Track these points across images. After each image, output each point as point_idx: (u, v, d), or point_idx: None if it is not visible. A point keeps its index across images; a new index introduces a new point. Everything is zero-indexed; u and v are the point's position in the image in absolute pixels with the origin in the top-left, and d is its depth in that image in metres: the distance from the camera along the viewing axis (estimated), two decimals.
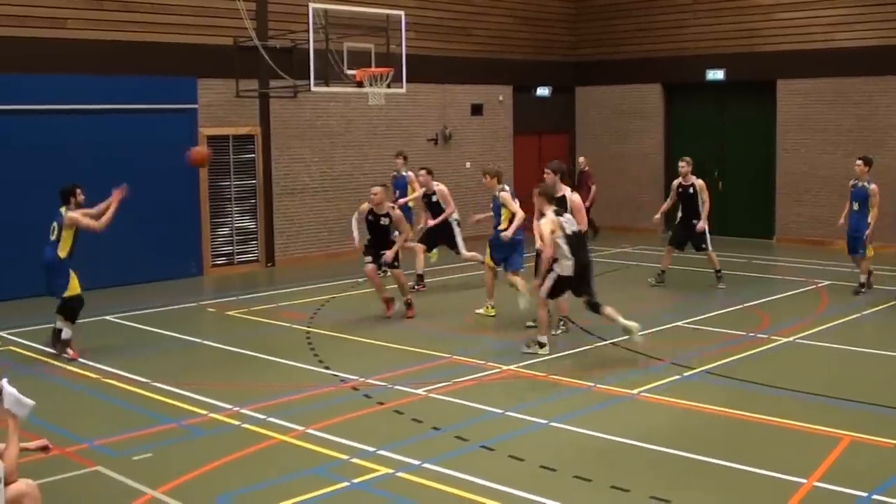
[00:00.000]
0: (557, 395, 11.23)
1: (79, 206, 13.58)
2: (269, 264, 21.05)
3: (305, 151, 21.61)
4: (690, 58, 25.30)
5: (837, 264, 19.57)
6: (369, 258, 15.56)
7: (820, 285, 17.60)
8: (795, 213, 23.49)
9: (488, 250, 15.55)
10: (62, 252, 13.31)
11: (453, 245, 17.90)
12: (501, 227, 15.10)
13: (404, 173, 19.41)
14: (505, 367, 12.32)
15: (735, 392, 11.20)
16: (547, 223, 12.61)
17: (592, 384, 11.52)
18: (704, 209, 17.73)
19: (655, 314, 15.48)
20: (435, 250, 18.16)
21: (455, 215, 18.00)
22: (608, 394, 11.19)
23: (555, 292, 13.00)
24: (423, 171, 18.08)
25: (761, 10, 24.07)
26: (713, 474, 8.68)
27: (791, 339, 13.72)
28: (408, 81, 19.65)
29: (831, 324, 14.67)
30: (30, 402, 6.69)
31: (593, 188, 24.82)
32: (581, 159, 25.43)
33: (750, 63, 24.26)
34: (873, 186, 16.67)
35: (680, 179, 18.08)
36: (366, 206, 15.60)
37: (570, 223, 12.83)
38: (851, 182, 17.12)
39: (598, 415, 10.46)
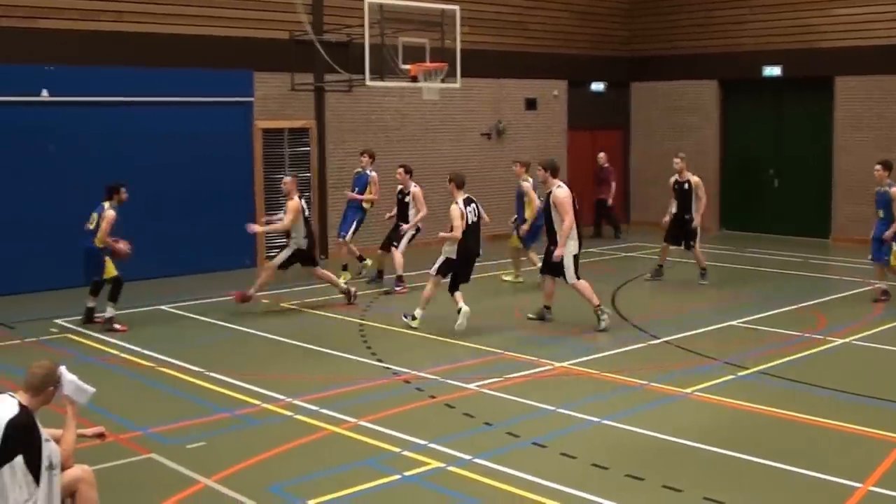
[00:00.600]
0: (610, 393, 11.19)
1: (121, 203, 14.38)
2: (322, 257, 21.12)
3: (359, 145, 21.60)
4: (747, 54, 25.05)
5: None
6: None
7: (877, 286, 17.38)
8: (852, 212, 23.18)
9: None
10: (100, 242, 14.17)
11: (397, 240, 17.60)
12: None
13: (368, 172, 18.40)
14: (557, 364, 12.29)
15: (790, 393, 11.11)
16: (454, 209, 14.08)
17: (645, 382, 11.47)
18: (700, 206, 17.83)
19: (709, 313, 15.40)
20: (368, 260, 18.53)
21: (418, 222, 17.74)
22: (661, 392, 11.13)
23: (441, 271, 14.33)
24: (400, 170, 17.80)
25: (819, 5, 23.78)
26: (767, 476, 8.61)
27: (847, 340, 13.57)
28: (462, 76, 19.64)
29: (888, 325, 14.48)
30: (90, 388, 6.79)
31: (613, 185, 24.74)
32: (601, 155, 25.07)
33: (807, 59, 23.98)
34: (894, 190, 15.77)
35: (676, 176, 18.06)
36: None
37: (473, 213, 14.32)
38: (876, 188, 16.21)
39: (650, 413, 10.41)
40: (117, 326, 14.19)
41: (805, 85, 24.53)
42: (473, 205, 14.42)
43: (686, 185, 17.84)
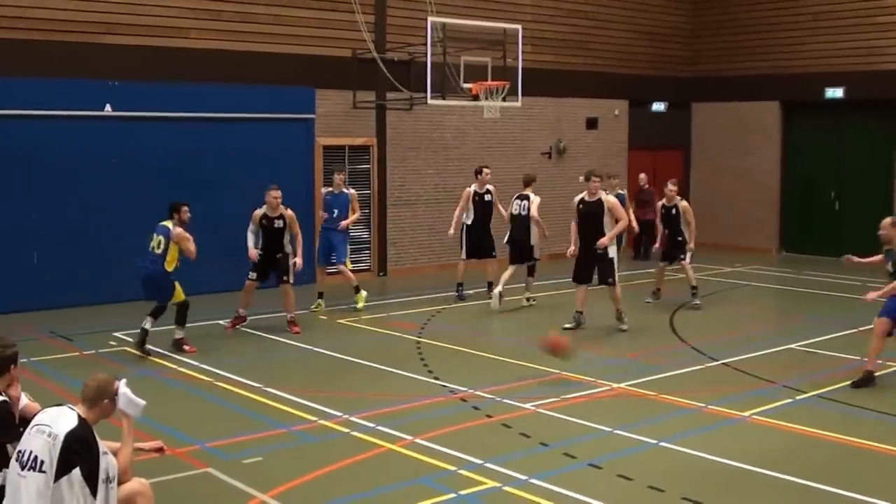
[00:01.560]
0: (667, 415, 11.12)
1: (183, 223, 13.90)
2: (381, 274, 21.24)
3: (420, 163, 21.76)
4: (809, 75, 24.85)
5: None
6: (255, 274, 15.61)
7: None
8: None
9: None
10: (169, 266, 13.70)
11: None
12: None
13: (345, 191, 17.52)
14: (615, 385, 12.24)
15: (848, 418, 10.98)
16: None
17: (703, 405, 11.39)
18: (691, 231, 17.75)
19: (768, 336, 15.28)
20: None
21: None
22: (719, 415, 11.05)
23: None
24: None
25: (882, 27, 23.54)
26: (825, 501, 8.52)
27: None
28: (523, 95, 19.68)
29: None
30: (141, 401, 6.86)
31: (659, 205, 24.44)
32: (642, 176, 24.66)
33: (870, 81, 23.74)
34: None
35: (664, 201, 18.04)
36: (259, 211, 15.51)
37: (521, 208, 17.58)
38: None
39: (708, 436, 10.34)
40: (186, 348, 13.99)
41: (867, 107, 24.27)
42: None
43: (674, 210, 17.76)
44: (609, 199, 15.51)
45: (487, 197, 18.22)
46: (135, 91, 17.74)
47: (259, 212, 15.40)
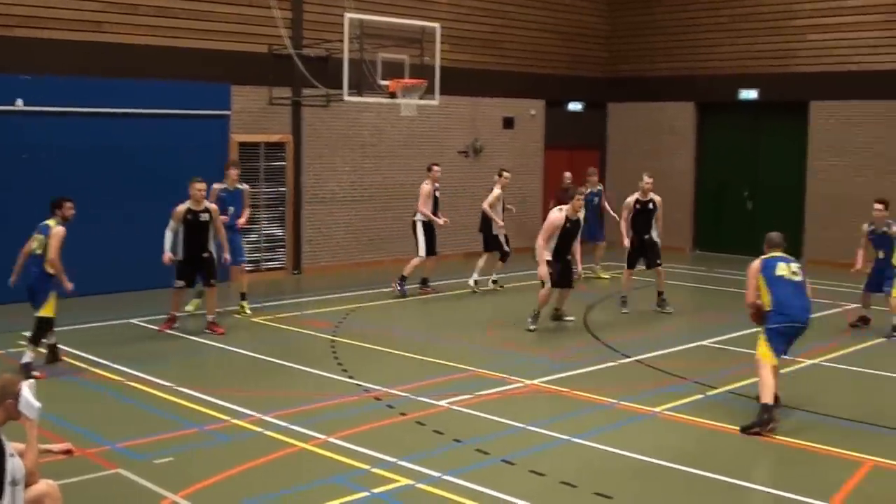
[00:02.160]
0: (580, 411, 11.21)
1: (65, 220, 12.91)
2: (295, 272, 21.12)
3: (336, 160, 21.67)
4: (724, 77, 25.23)
5: None
6: (182, 282, 15.12)
7: (847, 308, 17.47)
8: (825, 235, 23.31)
9: None
10: (49, 265, 12.62)
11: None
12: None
13: (240, 186, 16.84)
14: (528, 382, 12.31)
15: (758, 412, 11.15)
16: None
17: (615, 401, 11.50)
18: (660, 225, 17.82)
19: (680, 333, 15.47)
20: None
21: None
22: (631, 411, 11.17)
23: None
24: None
25: (796, 30, 23.98)
26: (735, 494, 8.65)
27: (816, 361, 13.65)
28: (440, 93, 19.67)
29: (857, 347, 14.60)
30: (36, 403, 6.71)
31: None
32: (567, 174, 24.53)
33: (784, 84, 24.18)
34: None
35: (638, 195, 17.59)
36: (182, 206, 14.91)
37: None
38: (868, 227, 16.05)
39: (620, 432, 10.44)
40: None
41: (781, 109, 24.70)
42: None
43: (651, 205, 17.59)
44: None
45: (437, 193, 18.83)
46: (47, 86, 17.37)
47: (182, 207, 14.91)
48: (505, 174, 19.67)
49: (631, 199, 17.58)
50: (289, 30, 20.29)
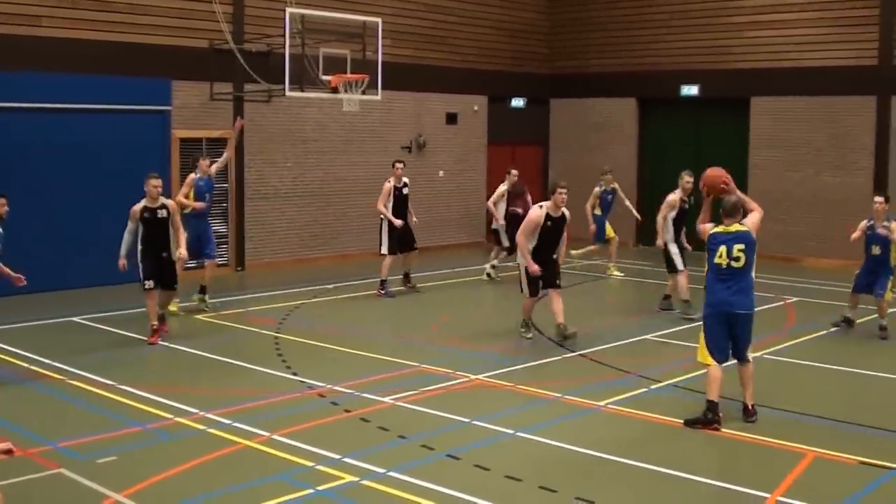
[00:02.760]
0: (524, 406, 11.24)
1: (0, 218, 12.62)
2: (238, 268, 21.00)
3: (278, 156, 21.57)
4: (665, 73, 25.44)
5: (806, 281, 19.75)
6: (151, 282, 14.28)
7: (788, 302, 17.67)
8: (766, 229, 23.20)
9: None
10: None
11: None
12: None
13: (211, 175, 16.89)
14: (472, 377, 12.32)
15: (701, 406, 11.17)
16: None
17: (560, 395, 11.54)
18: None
19: (623, 327, 15.54)
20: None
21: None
22: (575, 405, 11.21)
23: None
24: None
25: (735, 27, 24.24)
26: (679, 487, 8.71)
27: (759, 354, 13.72)
28: (383, 89, 19.63)
29: (799, 340, 14.76)
30: None
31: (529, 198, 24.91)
32: (514, 171, 24.57)
33: (724, 80, 24.43)
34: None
35: (681, 194, 17.03)
36: (139, 205, 14.26)
37: None
38: (868, 223, 15.18)
39: (564, 425, 10.48)
40: None
41: (722, 104, 24.95)
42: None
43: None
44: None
45: (406, 190, 18.35)
46: None
47: (138, 206, 14.25)
48: (513, 172, 20.03)
49: (675, 197, 16.67)
50: (230, 24, 20.15)
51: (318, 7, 20.04)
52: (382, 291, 18.03)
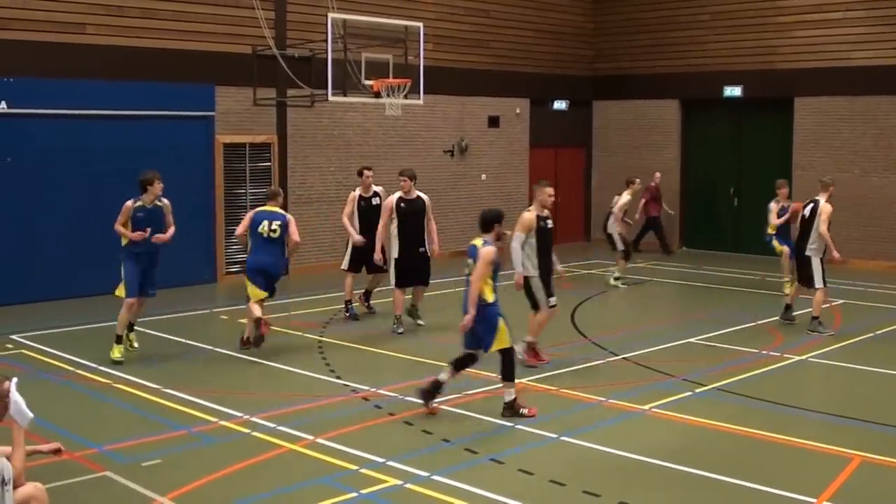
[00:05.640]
0: (568, 410, 11.20)
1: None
2: (283, 273, 21.05)
3: (321, 161, 21.64)
4: (708, 74, 25.30)
5: (852, 283, 19.54)
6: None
7: (834, 304, 17.52)
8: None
9: None
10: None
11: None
12: None
13: (163, 201, 13.91)
14: (516, 381, 12.27)
15: (747, 410, 11.16)
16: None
17: (603, 399, 11.50)
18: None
19: (668, 330, 15.46)
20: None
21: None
22: (619, 409, 11.16)
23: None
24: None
25: (780, 27, 24.06)
26: (724, 491, 8.65)
27: (804, 357, 13.67)
28: (425, 93, 19.66)
29: (844, 343, 14.61)
30: (29, 414, 6.67)
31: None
32: (657, 175, 25.35)
33: (767, 80, 24.26)
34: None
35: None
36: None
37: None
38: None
39: (608, 430, 10.44)
40: None
41: (765, 105, 24.79)
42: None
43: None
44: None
45: (375, 200, 16.30)
46: (30, 88, 17.34)
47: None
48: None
49: (830, 207, 15.51)
50: (272, 30, 20.25)
51: (360, 12, 20.10)
52: (347, 314, 16.43)
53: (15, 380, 6.71)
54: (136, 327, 14.15)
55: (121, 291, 13.52)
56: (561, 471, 9.02)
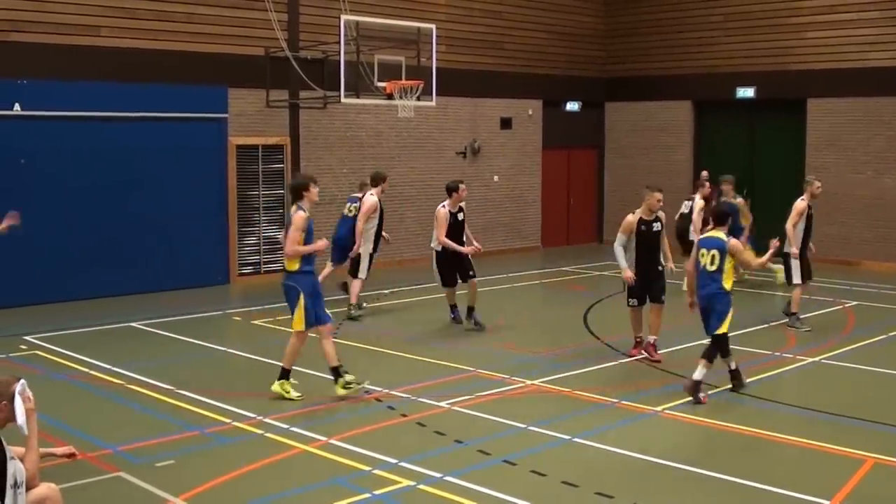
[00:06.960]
0: (581, 411, 11.20)
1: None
2: None
3: (334, 162, 21.66)
4: (721, 75, 25.25)
5: (865, 284, 19.48)
6: None
7: (847, 306, 17.47)
8: (823, 232, 23.20)
9: None
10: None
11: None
12: None
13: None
14: (529, 382, 12.30)
15: (760, 411, 11.15)
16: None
17: (616, 400, 11.49)
18: None
19: (681, 332, 15.42)
20: None
21: None
22: (632, 410, 11.16)
23: None
24: None
25: (793, 28, 23.99)
26: (737, 493, 8.63)
27: (817, 359, 13.64)
28: (437, 94, 19.68)
29: (857, 344, 14.57)
30: (22, 417, 6.64)
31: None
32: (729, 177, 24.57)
33: (781, 81, 24.19)
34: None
35: (808, 199, 16.07)
36: None
37: None
38: None
39: (621, 431, 10.43)
40: None
41: (778, 106, 24.71)
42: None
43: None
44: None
45: (460, 216, 15.88)
46: (44, 90, 17.40)
47: None
48: (707, 183, 19.29)
49: (803, 204, 15.79)
50: (285, 32, 20.28)
51: (373, 14, 20.12)
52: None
53: (22, 381, 6.74)
54: (149, 328, 14.20)
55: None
56: (574, 472, 9.02)
